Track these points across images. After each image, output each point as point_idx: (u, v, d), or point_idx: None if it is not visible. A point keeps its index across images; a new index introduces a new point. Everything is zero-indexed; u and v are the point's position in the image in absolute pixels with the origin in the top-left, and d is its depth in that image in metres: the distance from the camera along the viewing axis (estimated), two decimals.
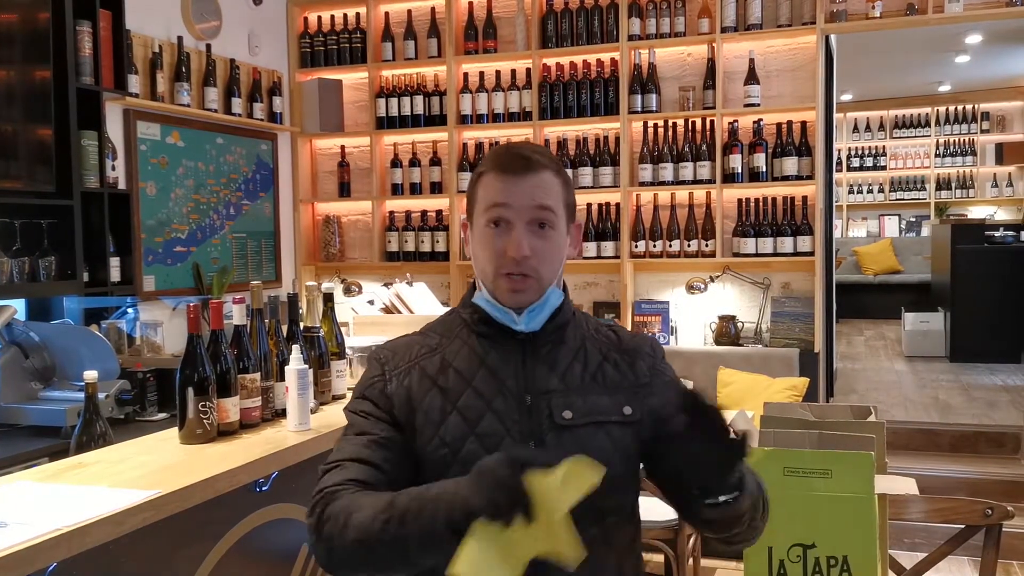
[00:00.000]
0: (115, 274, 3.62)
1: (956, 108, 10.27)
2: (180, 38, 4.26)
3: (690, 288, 4.84)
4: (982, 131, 10.23)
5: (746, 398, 4.20)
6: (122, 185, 3.94)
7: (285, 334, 2.33)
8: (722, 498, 1.24)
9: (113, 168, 3.76)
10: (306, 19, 5.36)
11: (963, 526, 2.01)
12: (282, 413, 2.18)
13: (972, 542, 2.04)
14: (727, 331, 4.66)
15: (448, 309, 1.71)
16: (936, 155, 10.40)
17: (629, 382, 1.42)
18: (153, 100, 4.09)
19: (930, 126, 10.40)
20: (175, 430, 2.02)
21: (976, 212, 10.07)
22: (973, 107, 10.21)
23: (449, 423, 1.36)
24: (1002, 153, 10.14)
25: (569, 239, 1.46)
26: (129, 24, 3.75)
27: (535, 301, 1.40)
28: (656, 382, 1.44)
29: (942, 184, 10.44)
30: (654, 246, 4.77)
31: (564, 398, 1.37)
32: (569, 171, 4.83)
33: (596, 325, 1.51)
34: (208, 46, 4.47)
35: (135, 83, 3.93)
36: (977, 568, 2.02)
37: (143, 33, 4.09)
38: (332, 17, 5.30)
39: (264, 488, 1.95)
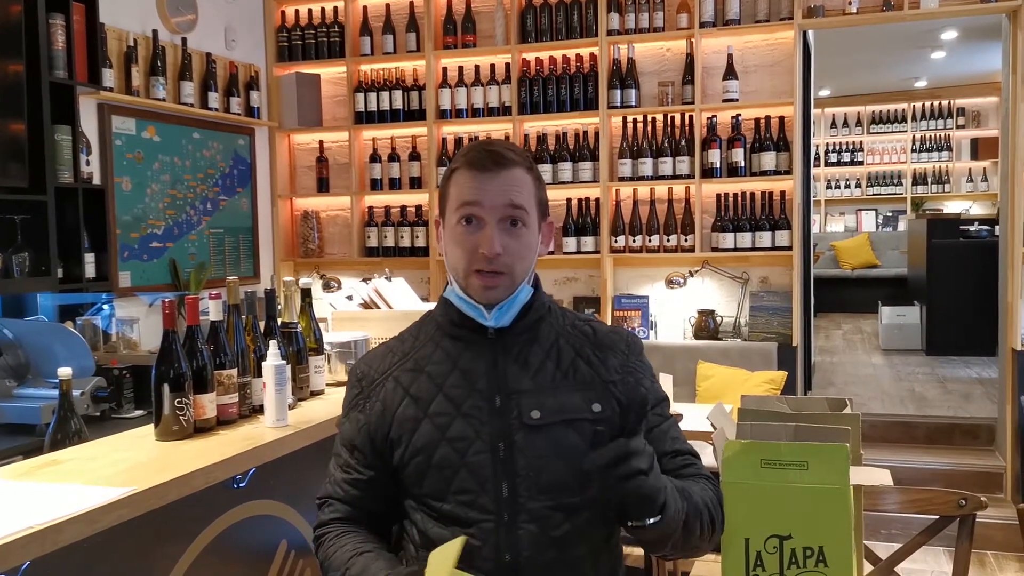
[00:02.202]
0: (90, 270, 3.58)
1: (932, 104, 10.37)
2: (155, 32, 4.22)
3: (669, 283, 4.85)
4: (958, 127, 10.34)
5: (725, 392, 4.23)
6: (97, 180, 3.90)
7: (263, 330, 2.31)
8: (641, 523, 1.26)
9: (87, 163, 3.72)
10: (283, 13, 5.32)
11: (937, 517, 2.03)
12: (260, 409, 2.17)
13: (947, 532, 2.06)
14: (706, 325, 4.68)
15: (427, 308, 1.72)
16: (912, 150, 10.50)
17: (600, 378, 1.42)
18: (128, 94, 4.05)
19: (906, 121, 10.50)
20: (151, 427, 2.00)
21: (952, 207, 10.18)
22: (949, 103, 10.31)
23: (421, 431, 1.39)
24: (977, 148, 10.25)
25: (541, 236, 1.46)
26: (103, 17, 3.70)
27: (506, 298, 1.41)
28: (627, 380, 1.44)
29: (918, 179, 10.55)
30: (633, 241, 4.78)
31: (534, 398, 1.38)
32: (548, 166, 4.86)
33: (573, 320, 1.50)
34: (184, 40, 4.43)
35: (110, 77, 3.89)
36: (952, 558, 2.05)
37: (117, 27, 4.04)
38: (310, 11, 5.27)
39: (242, 485, 1.94)
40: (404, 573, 1.27)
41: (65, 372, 2.00)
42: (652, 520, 1.25)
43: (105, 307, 3.63)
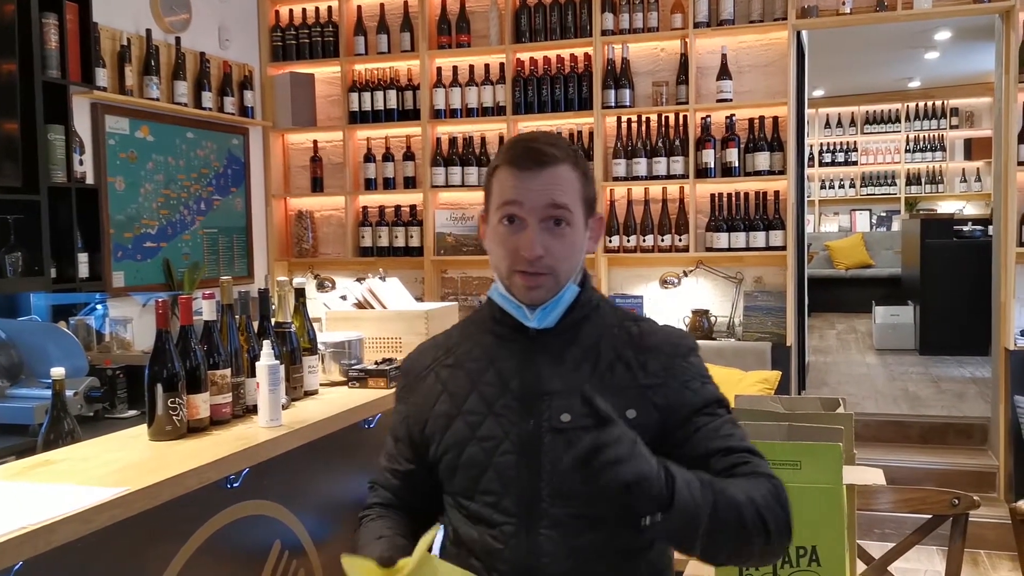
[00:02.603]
0: (83, 270, 3.56)
1: (926, 104, 10.40)
2: (149, 31, 4.21)
3: (664, 282, 4.86)
4: (951, 127, 10.37)
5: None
6: (90, 180, 3.89)
7: (256, 330, 2.31)
8: (647, 521, 1.15)
9: (81, 163, 3.71)
10: (277, 12, 5.32)
11: (930, 516, 2.04)
12: (253, 409, 2.16)
13: (940, 532, 2.07)
14: (700, 325, 4.69)
15: (422, 309, 1.71)
16: (906, 150, 10.52)
17: (638, 382, 1.35)
18: (122, 94, 4.04)
19: (900, 122, 10.52)
20: (144, 427, 1.99)
21: (945, 207, 10.21)
22: (942, 103, 10.34)
23: (454, 428, 1.38)
24: (971, 149, 10.27)
25: (589, 233, 1.42)
26: (96, 17, 3.69)
27: (550, 299, 1.37)
28: (669, 384, 1.35)
29: (912, 179, 10.57)
30: (628, 241, 4.79)
31: (565, 400, 1.33)
32: None
33: (621, 319, 1.44)
34: (178, 39, 4.42)
35: (103, 77, 3.88)
36: (945, 557, 2.05)
37: (111, 26, 4.03)
38: (304, 10, 5.26)
39: (235, 485, 1.94)
40: (377, 554, 1.21)
41: (58, 372, 2.00)
42: (659, 516, 1.14)
43: (99, 307, 3.62)
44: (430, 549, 1.15)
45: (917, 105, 10.43)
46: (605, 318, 1.42)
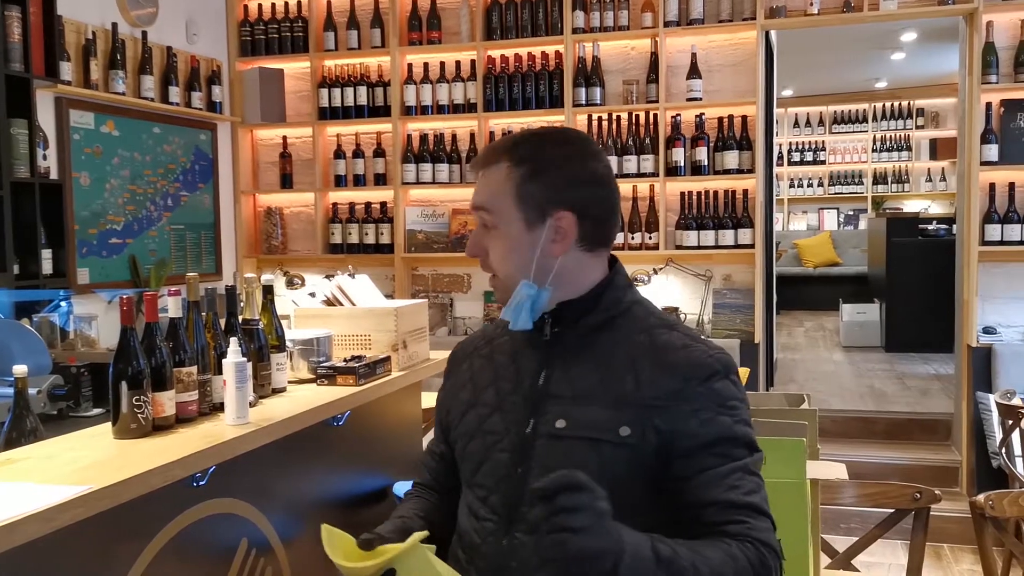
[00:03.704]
0: (47, 266, 3.52)
1: (892, 104, 10.54)
2: (115, 24, 4.16)
3: (634, 280, 4.88)
4: (917, 127, 10.52)
5: None
6: (54, 175, 3.83)
7: (223, 327, 2.29)
8: None
9: (45, 158, 3.66)
10: (246, 7, 5.27)
11: (893, 510, 2.07)
12: (220, 407, 2.14)
13: (904, 525, 2.10)
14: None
15: (392, 306, 1.71)
16: (873, 150, 10.66)
17: (642, 399, 1.26)
18: (87, 88, 3.99)
19: (867, 122, 10.66)
20: (109, 425, 1.97)
21: (911, 206, 10.36)
22: (908, 103, 10.49)
23: (467, 418, 1.41)
24: (936, 148, 10.43)
25: (551, 233, 1.33)
26: (61, 9, 3.65)
27: (507, 299, 1.36)
28: (679, 407, 1.25)
29: (879, 178, 10.72)
30: None
31: (564, 406, 1.30)
32: None
33: (653, 327, 1.34)
34: (144, 33, 4.37)
35: (67, 70, 3.82)
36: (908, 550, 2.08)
37: (76, 19, 3.98)
38: (273, 5, 5.22)
39: (201, 483, 1.92)
40: (363, 538, 1.21)
41: (20, 370, 1.97)
42: None
43: (63, 304, 3.58)
44: (431, 541, 1.16)
45: (884, 105, 10.57)
46: (635, 323, 1.35)
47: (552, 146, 1.36)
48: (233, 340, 2.09)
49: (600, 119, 4.77)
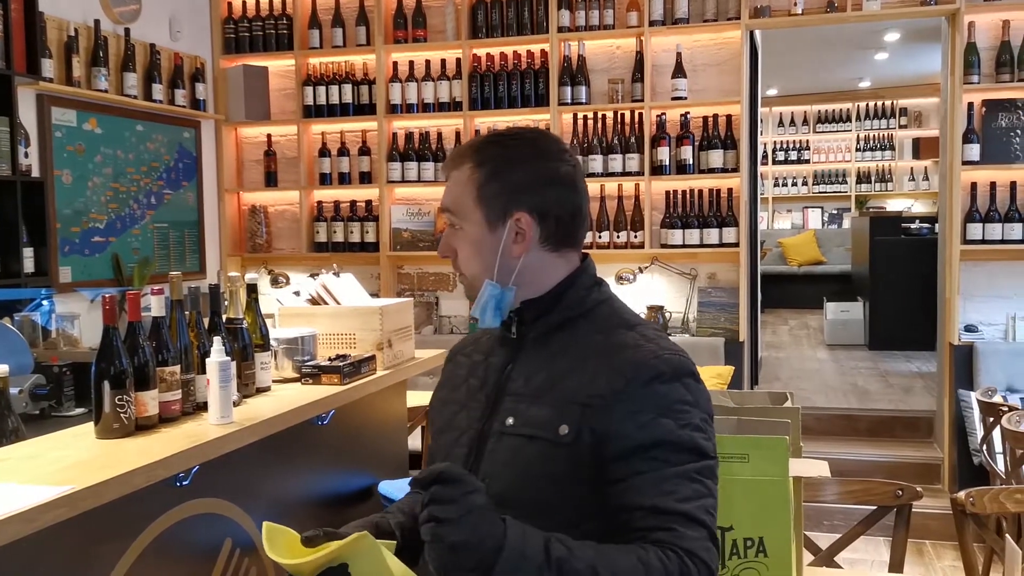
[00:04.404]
0: (29, 265, 3.49)
1: (876, 104, 10.60)
2: (97, 21, 4.13)
3: (620, 279, 4.89)
4: (900, 126, 10.59)
5: None
6: (36, 173, 3.80)
7: (207, 326, 2.28)
8: None
9: (26, 155, 3.63)
10: (230, 4, 5.24)
11: (875, 507, 2.09)
12: (204, 406, 2.13)
13: (886, 522, 2.12)
14: (655, 321, 4.73)
15: (376, 305, 1.71)
16: (857, 149, 10.72)
17: (582, 398, 1.25)
18: (69, 85, 3.96)
19: (851, 121, 10.72)
20: (91, 425, 1.96)
21: (894, 205, 10.42)
22: (892, 103, 10.55)
23: (443, 414, 1.44)
24: (919, 148, 10.50)
25: (510, 233, 1.33)
26: (43, 6, 3.62)
27: (474, 298, 1.38)
28: (615, 408, 1.22)
29: (862, 177, 10.78)
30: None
31: (516, 403, 1.32)
32: None
33: (615, 326, 1.33)
34: (127, 30, 4.34)
35: (49, 67, 3.80)
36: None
37: (58, 16, 3.95)
38: (257, 2, 5.20)
39: (185, 483, 1.91)
40: (306, 535, 1.20)
41: (2, 369, 1.96)
42: None
43: (45, 303, 3.54)
44: (415, 538, 1.16)
45: (867, 105, 10.64)
46: (596, 323, 1.34)
47: (514, 147, 1.36)
48: (217, 339, 2.08)
49: (585, 118, 4.78)
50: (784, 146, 11.01)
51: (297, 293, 2.94)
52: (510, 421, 1.30)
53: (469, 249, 1.37)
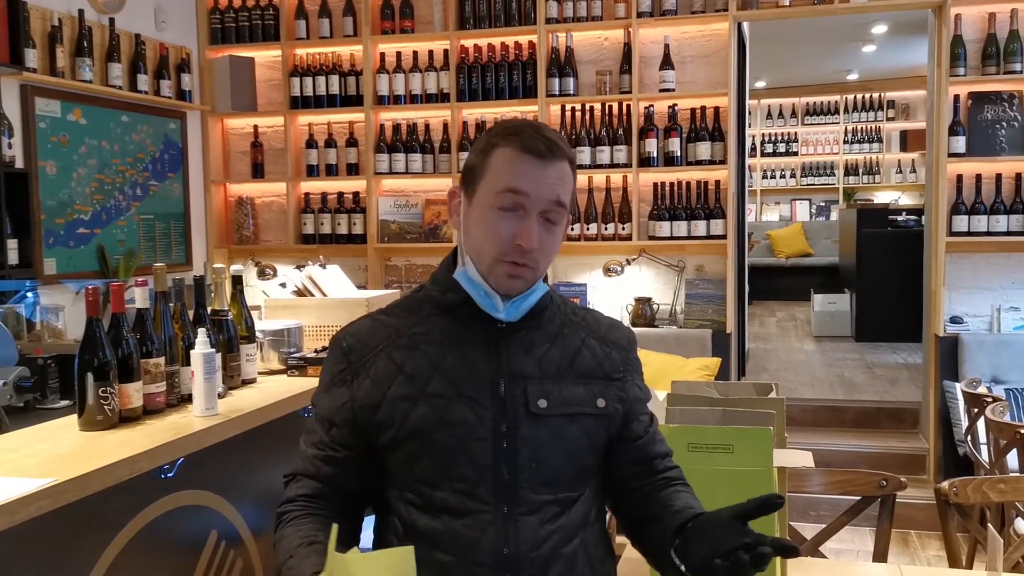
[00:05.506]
0: (13, 256, 3.47)
1: (863, 96, 10.62)
2: (81, 11, 4.10)
3: (607, 271, 4.90)
4: (887, 119, 10.61)
5: (661, 378, 4.26)
6: (19, 164, 3.77)
7: (192, 318, 2.27)
8: None
9: (10, 146, 3.60)
10: None
11: (859, 497, 2.10)
12: (189, 398, 2.13)
13: (872, 512, 2.13)
14: (643, 313, 4.74)
15: (362, 296, 1.69)
16: (844, 142, 10.75)
17: (603, 373, 1.39)
18: (53, 76, 3.93)
19: (839, 113, 10.74)
20: (75, 417, 1.95)
21: (881, 197, 10.45)
22: (879, 95, 10.58)
23: (417, 412, 1.30)
24: (906, 140, 10.54)
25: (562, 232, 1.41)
26: None
27: (526, 291, 1.35)
28: (627, 378, 1.41)
29: (850, 170, 10.81)
30: (572, 229, 4.81)
31: (540, 385, 1.32)
32: None
33: (574, 309, 1.46)
34: (111, 20, 4.30)
35: (33, 58, 3.76)
36: None
37: (41, 5, 3.91)
38: None
39: (170, 475, 1.91)
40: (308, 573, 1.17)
41: None
42: None
43: (29, 295, 3.52)
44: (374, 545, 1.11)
45: (855, 97, 10.66)
46: (560, 307, 1.43)
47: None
48: (201, 331, 2.07)
49: (573, 109, 4.77)
50: (772, 138, 11.03)
51: (283, 285, 2.93)
52: (543, 403, 1.32)
53: (555, 245, 1.37)
